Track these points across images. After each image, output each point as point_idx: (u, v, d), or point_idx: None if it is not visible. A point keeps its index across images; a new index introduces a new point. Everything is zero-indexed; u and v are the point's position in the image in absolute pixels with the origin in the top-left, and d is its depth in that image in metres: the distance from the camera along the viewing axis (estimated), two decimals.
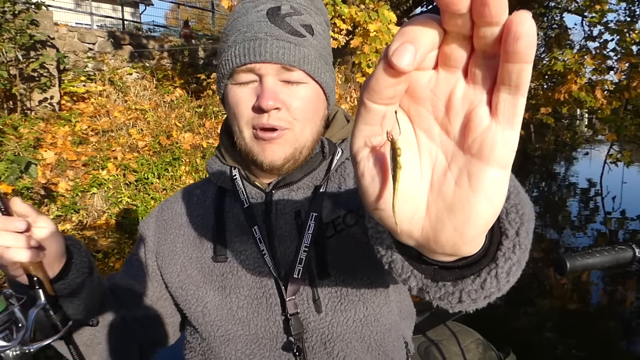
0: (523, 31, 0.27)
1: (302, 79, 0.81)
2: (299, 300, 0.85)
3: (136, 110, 8.28)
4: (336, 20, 6.27)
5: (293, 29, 0.81)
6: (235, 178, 0.92)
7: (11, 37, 6.34)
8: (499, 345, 1.45)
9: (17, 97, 6.80)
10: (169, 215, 0.99)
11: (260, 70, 0.80)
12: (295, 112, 0.82)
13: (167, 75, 9.70)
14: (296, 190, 0.90)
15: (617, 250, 0.87)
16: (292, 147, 0.84)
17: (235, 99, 0.83)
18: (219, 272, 0.89)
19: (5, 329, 0.64)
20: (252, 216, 0.88)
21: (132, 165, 6.92)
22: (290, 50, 0.79)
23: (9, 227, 0.69)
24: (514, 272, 0.44)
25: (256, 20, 0.81)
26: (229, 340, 0.88)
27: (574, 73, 8.26)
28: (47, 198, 5.69)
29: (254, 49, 0.78)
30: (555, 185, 11.40)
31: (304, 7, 0.85)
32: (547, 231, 6.85)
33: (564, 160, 16.95)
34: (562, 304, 4.04)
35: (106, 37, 9.61)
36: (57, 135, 6.93)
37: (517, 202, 0.44)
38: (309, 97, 0.83)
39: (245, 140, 0.85)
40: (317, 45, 0.84)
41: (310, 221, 0.85)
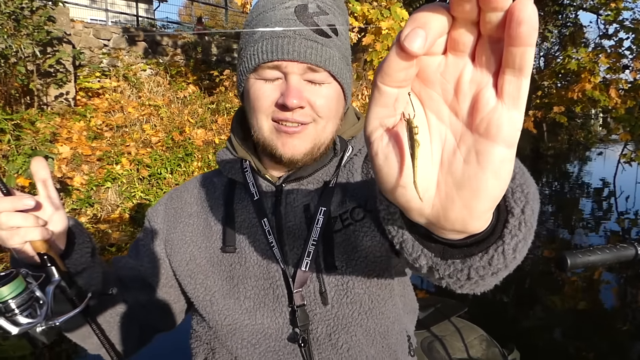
0: (525, 16, 0.29)
1: (325, 79, 0.82)
2: (305, 292, 0.86)
3: (150, 106, 8.38)
4: (349, 18, 6.30)
5: (320, 28, 0.81)
6: (246, 170, 0.93)
7: (29, 33, 6.45)
8: (503, 342, 1.47)
9: (34, 93, 6.91)
10: (178, 204, 1.00)
11: (286, 68, 0.80)
12: (318, 109, 0.82)
13: (180, 72, 9.78)
14: (306, 184, 0.91)
15: (618, 248, 0.87)
16: (312, 142, 0.85)
17: (258, 93, 0.83)
18: (227, 262, 0.90)
19: (28, 307, 0.67)
20: (261, 209, 0.89)
21: (146, 160, 7.02)
22: (317, 50, 0.79)
23: (17, 206, 0.69)
24: (520, 248, 0.46)
25: (284, 17, 0.80)
26: (235, 330, 0.89)
27: (588, 72, 8.18)
28: (62, 192, 5.79)
29: (282, 47, 0.78)
30: (568, 184, 11.30)
31: (329, 7, 0.85)
32: (560, 231, 6.81)
33: (577, 160, 16.79)
34: (571, 303, 4.04)
35: (121, 33, 9.72)
36: (73, 130, 7.04)
37: (522, 182, 0.47)
38: (331, 97, 0.84)
39: (265, 133, 0.85)
40: (340, 46, 0.85)
41: (319, 215, 0.86)
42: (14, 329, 0.64)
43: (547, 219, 7.49)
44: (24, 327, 0.65)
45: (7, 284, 0.65)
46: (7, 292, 0.65)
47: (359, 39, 6.46)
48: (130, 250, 1.03)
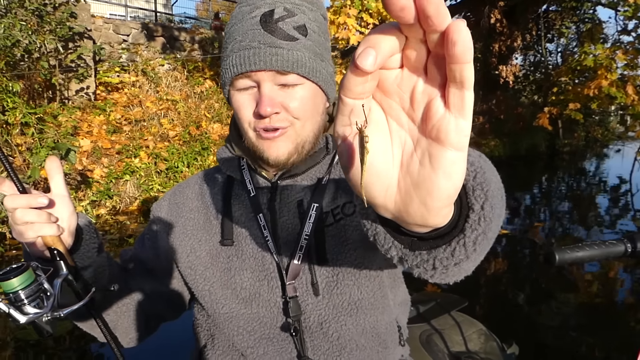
0: (458, 38, 0.31)
1: (297, 80, 0.85)
2: (298, 284, 0.91)
3: (167, 100, 8.54)
4: (363, 14, 6.35)
5: (285, 33, 0.83)
6: (244, 168, 0.98)
7: (52, 29, 6.61)
8: (503, 337, 1.49)
9: (56, 87, 7.09)
10: (181, 199, 1.05)
11: (256, 77, 0.84)
12: (294, 112, 0.86)
13: (197, 67, 9.91)
14: (300, 181, 0.96)
15: (607, 244, 0.88)
16: (294, 142, 0.89)
17: (237, 104, 0.88)
18: (225, 255, 0.95)
19: (36, 298, 0.71)
20: (257, 204, 0.95)
21: (163, 154, 7.17)
22: (282, 56, 0.82)
23: (32, 204, 0.74)
24: (480, 241, 0.50)
25: (250, 29, 0.84)
26: (232, 318, 0.95)
27: (605, 68, 8.12)
28: (83, 184, 5.97)
29: (249, 58, 0.83)
30: (585, 181, 11.19)
31: (297, 6, 0.87)
32: (575, 228, 6.78)
33: (594, 157, 16.57)
34: (573, 299, 4.06)
35: (140, 28, 9.87)
36: (93, 124, 7.23)
37: (482, 180, 0.50)
38: (306, 97, 0.87)
39: (251, 140, 0.90)
40: (310, 45, 0.87)
41: (312, 211, 0.91)
42: (22, 318, 0.69)
43: (562, 215, 7.47)
44: (31, 316, 0.69)
45: (18, 276, 0.70)
46: (17, 283, 0.70)
47: None
48: (136, 242, 1.09)
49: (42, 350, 3.08)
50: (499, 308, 3.87)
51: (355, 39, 6.39)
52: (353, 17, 6.28)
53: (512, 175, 11.78)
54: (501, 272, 4.73)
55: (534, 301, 4.04)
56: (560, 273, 4.61)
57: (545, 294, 4.21)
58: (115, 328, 0.99)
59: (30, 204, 0.73)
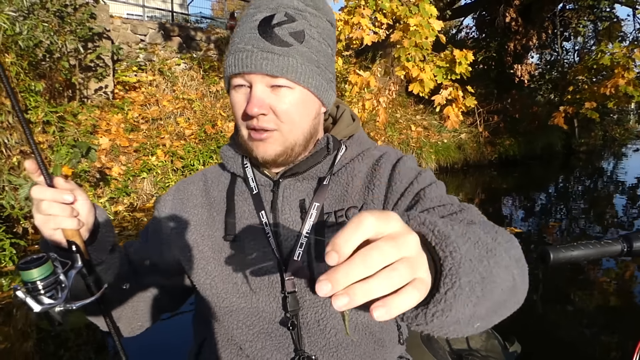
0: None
1: (287, 84, 0.88)
2: (297, 280, 0.93)
3: (183, 99, 8.66)
4: (377, 15, 6.38)
5: (279, 39, 0.87)
6: (247, 166, 1.01)
7: (72, 29, 6.77)
8: (505, 335, 1.50)
9: (76, 86, 7.25)
10: (185, 195, 1.07)
11: (249, 78, 0.88)
12: (281, 115, 0.89)
13: (213, 66, 10.02)
14: (301, 180, 0.99)
15: (603, 244, 0.88)
16: (281, 145, 0.92)
17: (233, 102, 0.92)
18: (227, 250, 0.98)
19: (52, 289, 0.74)
20: (259, 202, 0.98)
21: (180, 152, 7.29)
22: (273, 61, 0.86)
23: (57, 198, 0.78)
24: (439, 316, 0.51)
25: (248, 32, 0.88)
26: (232, 312, 0.97)
27: (622, 67, 8.05)
28: (102, 181, 6.11)
29: (242, 60, 0.87)
30: (602, 181, 11.09)
31: (300, 12, 0.90)
32: (592, 228, 6.75)
33: (612, 157, 16.38)
34: (576, 298, 4.08)
35: (157, 28, 10.02)
36: (111, 123, 7.37)
37: (455, 271, 0.50)
38: (295, 101, 0.90)
39: (244, 138, 0.94)
40: (305, 52, 0.89)
41: (313, 210, 0.95)
42: (36, 307, 0.72)
43: (578, 215, 7.44)
44: (45, 306, 0.73)
45: (38, 267, 0.73)
46: (37, 274, 0.72)
47: (387, 35, 6.55)
48: (140, 235, 1.11)
49: (62, 341, 3.17)
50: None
51: (369, 39, 6.42)
52: (367, 17, 6.32)
53: (527, 174, 11.72)
54: None
55: (537, 300, 4.07)
56: (564, 272, 4.62)
57: (549, 292, 4.24)
58: (119, 319, 1.03)
59: (55, 199, 0.78)
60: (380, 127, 9.54)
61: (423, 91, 6.37)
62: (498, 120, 12.75)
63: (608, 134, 17.70)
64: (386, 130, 10.36)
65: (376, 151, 1.04)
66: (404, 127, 11.28)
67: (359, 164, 1.01)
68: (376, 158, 1.02)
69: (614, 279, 4.53)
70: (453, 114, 6.72)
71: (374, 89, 7.10)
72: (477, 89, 9.29)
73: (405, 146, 10.63)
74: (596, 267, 4.75)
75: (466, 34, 17.77)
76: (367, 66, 10.10)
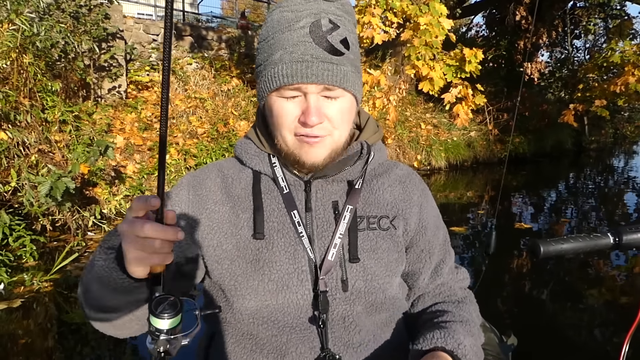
0: None
1: (341, 93, 0.91)
2: (328, 279, 0.95)
3: (195, 98, 8.76)
4: (388, 14, 6.43)
5: (334, 47, 0.89)
6: (275, 165, 1.01)
7: (86, 30, 6.89)
8: (502, 329, 1.54)
9: (91, 86, 7.37)
10: (202, 191, 1.03)
11: (306, 88, 0.89)
12: (334, 122, 0.93)
13: (224, 66, 10.11)
14: (331, 182, 1.01)
15: (592, 237, 0.89)
16: (330, 149, 0.95)
17: (280, 110, 0.92)
18: (254, 247, 0.96)
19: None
20: (291, 201, 0.98)
21: (192, 150, 7.39)
22: (332, 71, 0.88)
23: (171, 237, 0.67)
24: None
25: (301, 40, 0.88)
26: (255, 309, 0.96)
27: (632, 65, 8.04)
28: (117, 179, 6.22)
29: (302, 71, 0.87)
30: (612, 179, 11.06)
31: (339, 18, 0.91)
32: (603, 225, 6.77)
33: (622, 154, 16.30)
34: (572, 293, 4.13)
35: None
36: (125, 122, 7.49)
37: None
38: (345, 108, 0.94)
39: (288, 144, 0.95)
40: (353, 59, 0.93)
41: (346, 212, 0.98)
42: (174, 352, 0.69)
43: (588, 214, 7.45)
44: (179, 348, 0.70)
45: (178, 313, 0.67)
46: (178, 321, 0.68)
47: (397, 34, 6.60)
48: None
49: (82, 336, 3.25)
50: (498, 300, 3.96)
51: (379, 38, 6.48)
52: (377, 16, 6.37)
53: (537, 172, 11.72)
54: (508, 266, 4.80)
55: (533, 294, 4.13)
56: (559, 266, 4.67)
57: (545, 286, 4.29)
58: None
59: (168, 238, 0.67)
60: (390, 125, 9.59)
61: (433, 89, 6.42)
62: (507, 118, 12.75)
63: (619, 132, 17.59)
64: (396, 128, 10.40)
65: (398, 170, 1.11)
66: (414, 125, 11.31)
67: (387, 178, 1.07)
68: (400, 176, 1.09)
69: (609, 272, 4.58)
70: (463, 112, 6.77)
71: (384, 87, 7.15)
72: (486, 87, 9.31)
73: (415, 144, 10.67)
74: (591, 261, 4.80)
75: (476, 32, 17.75)
76: (377, 65, 10.14)
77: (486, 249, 0.75)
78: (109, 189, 6.01)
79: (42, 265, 4.37)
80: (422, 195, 1.09)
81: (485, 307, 1.58)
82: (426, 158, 10.67)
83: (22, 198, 4.92)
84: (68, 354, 3.07)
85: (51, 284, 3.98)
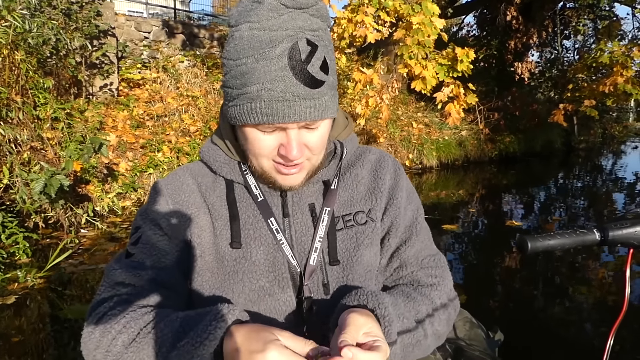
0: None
1: (320, 122, 0.88)
2: (310, 284, 0.94)
3: (188, 96, 8.76)
4: (380, 13, 6.48)
5: (314, 79, 0.82)
6: (247, 173, 0.98)
7: (78, 27, 6.86)
8: (489, 325, 1.58)
9: (82, 83, 7.34)
10: (182, 197, 0.99)
11: (286, 125, 0.84)
12: (314, 150, 0.90)
13: (216, 64, 10.10)
14: (307, 184, 0.98)
15: (578, 234, 0.90)
16: (308, 172, 0.95)
17: (258, 143, 0.88)
18: (231, 258, 0.94)
19: None
20: (267, 209, 0.96)
21: (185, 148, 7.39)
22: (314, 107, 0.83)
23: None
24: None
25: (280, 75, 0.80)
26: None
27: (621, 65, 8.16)
28: (109, 177, 6.21)
29: (283, 111, 0.81)
30: (601, 178, 11.19)
31: (316, 34, 0.83)
32: (591, 223, 6.85)
33: (611, 154, 16.49)
34: (560, 291, 4.19)
35: (160, 26, 10.11)
36: (117, 119, 7.47)
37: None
38: (325, 132, 0.91)
39: (264, 168, 0.92)
40: (332, 82, 0.87)
41: (324, 215, 0.96)
42: None
43: (577, 212, 7.54)
44: None
45: None
46: None
47: (390, 34, 6.65)
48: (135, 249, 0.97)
49: (75, 332, 3.23)
50: (486, 297, 4.02)
51: (372, 37, 6.53)
52: (370, 15, 6.41)
53: (527, 171, 11.83)
54: (498, 263, 4.87)
55: (519, 290, 4.19)
56: (545, 262, 4.74)
57: (531, 283, 4.36)
58: None
59: None
60: (383, 124, 9.64)
61: (425, 88, 6.47)
62: (498, 118, 12.86)
63: (607, 132, 17.80)
64: (388, 127, 10.46)
65: (371, 155, 1.08)
66: (406, 124, 11.38)
67: (361, 170, 1.05)
68: (373, 162, 1.06)
69: (597, 269, 4.66)
70: (454, 111, 6.83)
71: (377, 86, 7.20)
72: (477, 87, 9.39)
73: (407, 143, 10.74)
74: (579, 258, 4.88)
75: (467, 31, 17.87)
76: (369, 64, 10.19)
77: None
78: (101, 186, 6.00)
79: (36, 263, 4.36)
80: (394, 177, 1.05)
81: (475, 303, 1.56)
82: (418, 157, 10.73)
83: (15, 195, 4.90)
84: (62, 350, 3.07)
85: (45, 280, 3.98)
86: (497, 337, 1.54)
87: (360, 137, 9.74)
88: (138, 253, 0.95)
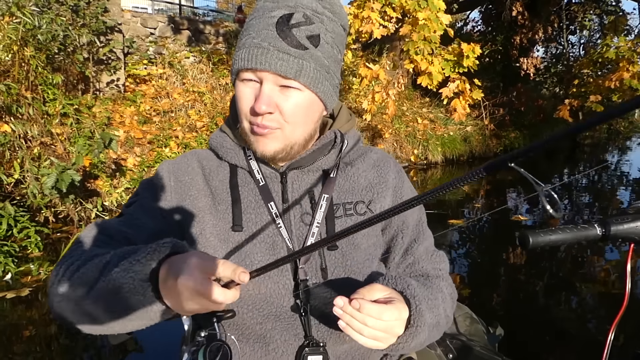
0: None
1: (298, 87, 0.90)
2: (308, 268, 0.96)
3: (194, 92, 8.79)
4: (387, 9, 6.50)
5: (297, 41, 0.88)
6: (250, 158, 1.02)
7: (85, 23, 6.90)
8: (489, 321, 1.58)
9: (89, 79, 7.40)
10: (185, 178, 1.03)
11: (260, 74, 0.89)
12: (286, 115, 0.91)
13: (222, 59, 10.13)
14: (307, 172, 1.02)
15: (580, 228, 0.90)
16: (282, 143, 0.95)
17: (239, 95, 0.93)
18: (234, 240, 0.97)
19: None
20: (268, 193, 1.00)
21: (192, 144, 7.44)
22: (288, 62, 0.87)
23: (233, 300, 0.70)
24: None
25: (265, 28, 0.88)
26: (241, 298, 0.91)
27: (627, 60, 8.14)
28: (117, 172, 6.26)
29: (256, 57, 0.87)
30: (606, 174, 11.18)
31: (318, 15, 0.91)
32: (595, 218, 6.86)
33: (616, 150, 16.45)
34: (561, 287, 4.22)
35: (166, 22, 10.15)
36: (125, 115, 7.52)
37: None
38: (302, 104, 0.92)
39: (245, 130, 0.96)
40: (319, 57, 0.91)
41: (322, 201, 0.99)
42: None
43: (582, 208, 7.56)
44: None
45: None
46: None
47: (396, 29, 6.67)
48: (127, 215, 1.00)
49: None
50: (489, 291, 4.05)
51: (378, 33, 6.55)
52: (377, 11, 6.43)
53: (532, 167, 11.83)
54: (501, 258, 4.90)
55: (519, 285, 4.22)
56: (546, 257, 4.77)
57: (531, 278, 4.38)
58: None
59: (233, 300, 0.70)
60: (388, 119, 9.66)
61: (432, 84, 6.50)
62: (503, 113, 12.85)
63: (613, 127, 17.75)
64: (393, 122, 10.48)
65: (373, 154, 1.11)
66: (411, 120, 11.39)
67: (362, 164, 1.08)
68: (375, 159, 1.10)
69: (600, 264, 4.68)
70: (460, 106, 6.86)
71: (383, 81, 7.22)
72: (483, 82, 9.40)
73: (412, 138, 10.75)
74: (577, 252, 4.91)
75: (472, 27, 17.82)
76: (374, 59, 10.20)
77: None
78: (110, 181, 6.06)
79: (47, 256, 4.43)
80: (397, 177, 1.09)
81: (477, 297, 1.58)
82: (423, 152, 10.75)
83: (26, 190, 4.96)
84: (73, 341, 3.13)
85: None
86: (498, 332, 1.55)
87: (366, 132, 9.77)
88: (127, 215, 0.99)
